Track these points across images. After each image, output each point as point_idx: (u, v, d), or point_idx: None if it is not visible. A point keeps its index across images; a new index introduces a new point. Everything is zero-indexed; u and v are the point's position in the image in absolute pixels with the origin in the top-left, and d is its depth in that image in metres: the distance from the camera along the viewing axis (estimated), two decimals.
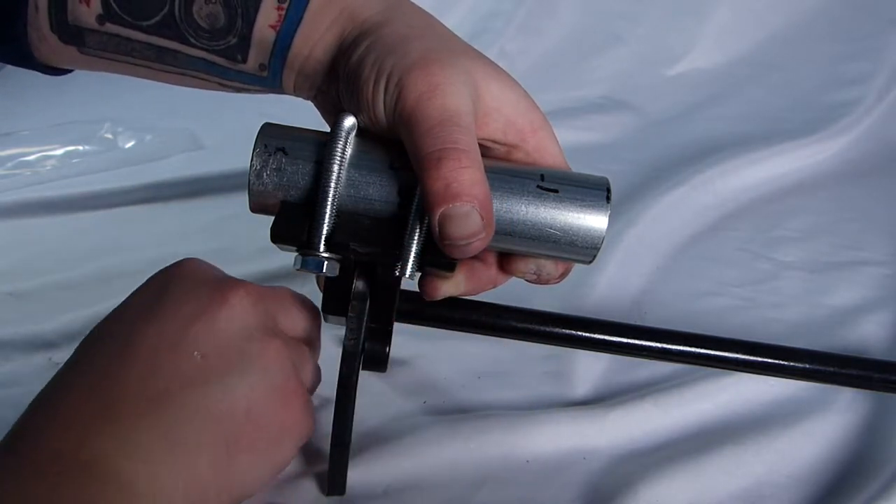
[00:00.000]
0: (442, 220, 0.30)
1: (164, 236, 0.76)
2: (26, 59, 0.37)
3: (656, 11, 1.08)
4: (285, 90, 0.39)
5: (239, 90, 0.39)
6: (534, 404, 0.53)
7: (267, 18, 0.35)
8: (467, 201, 0.29)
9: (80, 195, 0.80)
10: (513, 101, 0.34)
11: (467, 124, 0.31)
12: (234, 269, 0.70)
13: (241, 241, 0.72)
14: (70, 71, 0.40)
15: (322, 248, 0.33)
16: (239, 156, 0.34)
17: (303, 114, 0.43)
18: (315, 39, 0.35)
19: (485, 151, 0.35)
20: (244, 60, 0.36)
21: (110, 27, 0.35)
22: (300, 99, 0.40)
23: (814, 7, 1.05)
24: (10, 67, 0.99)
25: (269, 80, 0.37)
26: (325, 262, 0.33)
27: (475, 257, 0.37)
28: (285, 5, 0.35)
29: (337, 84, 0.36)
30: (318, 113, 0.40)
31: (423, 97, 0.31)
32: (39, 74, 0.39)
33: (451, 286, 0.37)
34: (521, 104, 0.35)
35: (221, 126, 0.93)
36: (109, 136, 0.90)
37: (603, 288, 0.66)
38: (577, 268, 0.39)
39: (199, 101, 1.00)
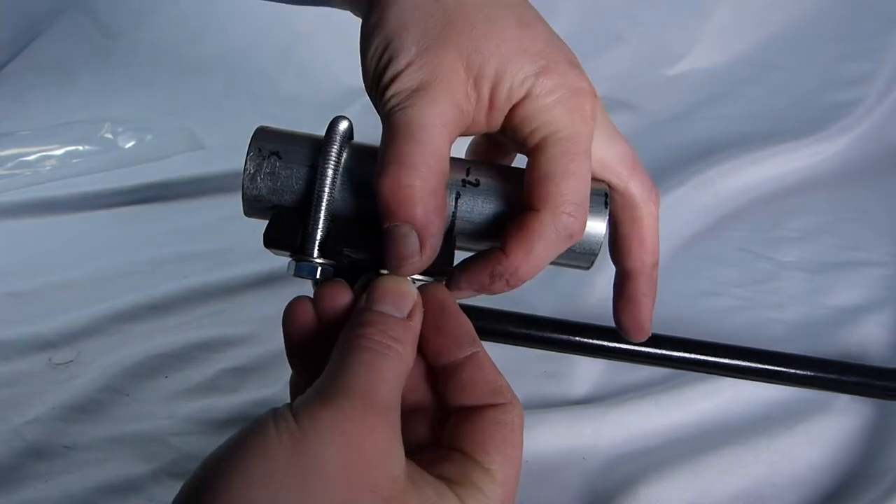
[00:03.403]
0: (384, 237, 0.29)
1: (164, 236, 0.76)
2: None
3: (657, 11, 1.08)
4: None
5: None
6: (533, 404, 0.53)
7: None
8: (404, 221, 0.28)
9: (80, 195, 0.80)
10: (500, 50, 0.30)
11: (423, 138, 0.29)
12: (234, 269, 0.71)
13: (241, 241, 0.72)
14: None
15: (316, 253, 0.33)
16: (239, 156, 0.34)
17: (304, 114, 0.43)
18: None
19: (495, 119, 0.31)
20: None
21: None
22: (301, 99, 0.39)
23: (814, 7, 1.05)
24: (10, 68, 0.98)
25: None
26: (319, 268, 0.33)
27: None
28: None
29: None
30: (317, 113, 0.40)
31: (393, 112, 0.30)
32: (39, 74, 0.39)
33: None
34: (509, 46, 0.30)
35: (221, 126, 0.93)
36: (109, 136, 0.90)
37: (603, 288, 0.66)
38: None
39: (199, 101, 1.00)
